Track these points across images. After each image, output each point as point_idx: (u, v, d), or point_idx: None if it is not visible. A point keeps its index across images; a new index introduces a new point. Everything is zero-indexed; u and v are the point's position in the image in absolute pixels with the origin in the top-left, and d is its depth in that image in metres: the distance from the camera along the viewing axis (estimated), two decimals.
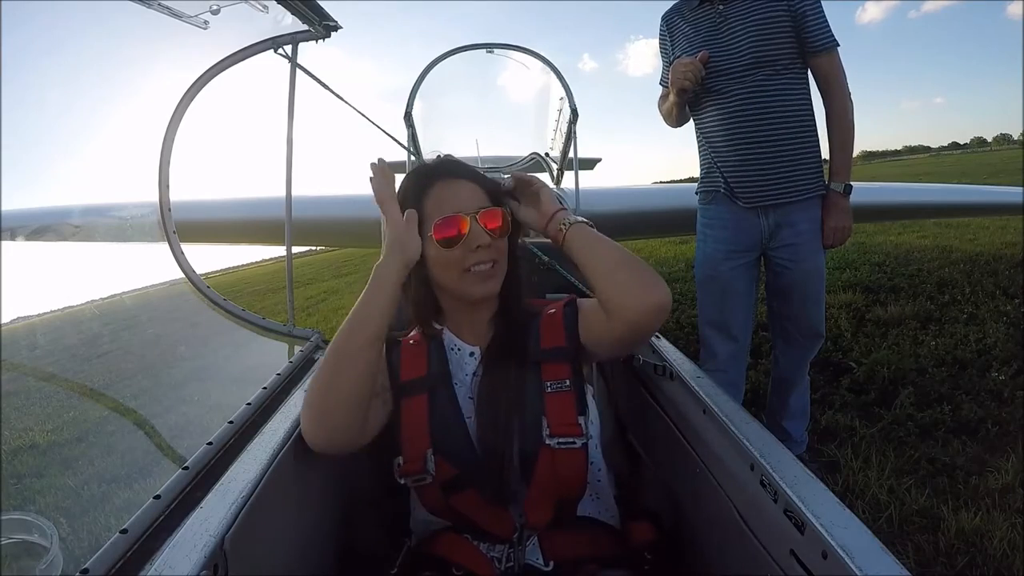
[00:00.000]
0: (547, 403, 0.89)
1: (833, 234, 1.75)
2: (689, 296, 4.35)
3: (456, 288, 0.92)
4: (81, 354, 3.36)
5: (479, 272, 0.90)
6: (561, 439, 0.86)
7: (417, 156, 2.75)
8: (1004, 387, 2.38)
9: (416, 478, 0.87)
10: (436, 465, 0.86)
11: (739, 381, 1.95)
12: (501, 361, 0.92)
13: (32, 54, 1.47)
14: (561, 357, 0.92)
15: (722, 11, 1.71)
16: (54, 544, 0.88)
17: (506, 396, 0.89)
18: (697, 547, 0.94)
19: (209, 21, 1.56)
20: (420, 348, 0.94)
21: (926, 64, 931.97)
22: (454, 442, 0.88)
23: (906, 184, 7.67)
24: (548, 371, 0.91)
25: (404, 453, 0.88)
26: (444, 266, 0.90)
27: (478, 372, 0.93)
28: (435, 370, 0.93)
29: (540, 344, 0.93)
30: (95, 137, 1.90)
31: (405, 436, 0.88)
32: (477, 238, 0.88)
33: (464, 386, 0.93)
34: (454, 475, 0.87)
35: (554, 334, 0.93)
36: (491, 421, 0.89)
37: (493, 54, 3.14)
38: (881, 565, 0.53)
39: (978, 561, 1.45)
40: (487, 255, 0.90)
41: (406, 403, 0.89)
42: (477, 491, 0.87)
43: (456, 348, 0.96)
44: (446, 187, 0.92)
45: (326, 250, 17.63)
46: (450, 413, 0.90)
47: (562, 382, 0.90)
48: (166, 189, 1.85)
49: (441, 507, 0.89)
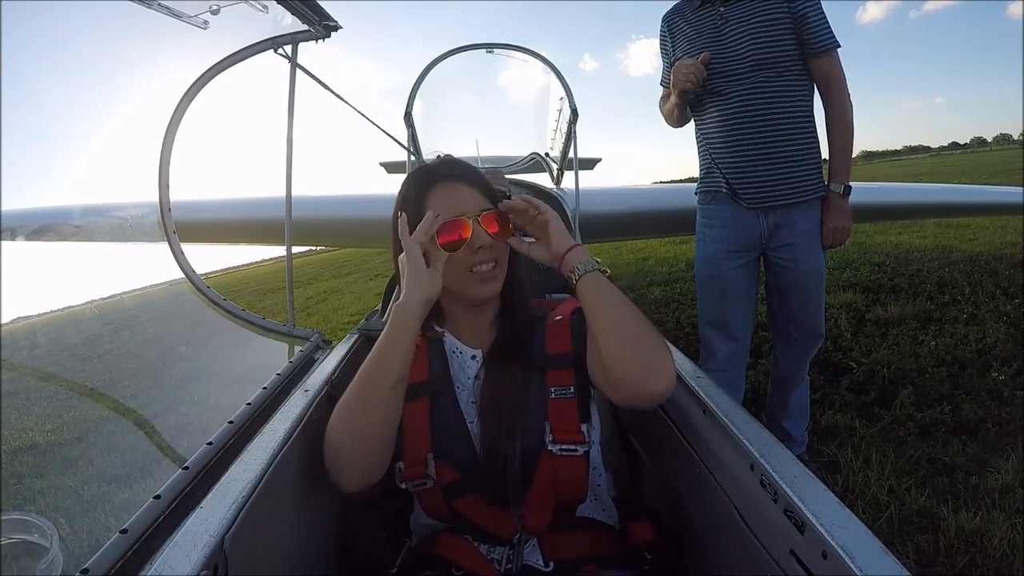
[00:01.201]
0: (550, 409, 0.89)
1: (832, 235, 1.75)
2: (689, 296, 4.35)
3: (459, 289, 0.92)
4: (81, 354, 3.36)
5: (481, 273, 0.90)
6: (563, 446, 0.86)
7: (417, 156, 2.75)
8: (1004, 387, 2.38)
9: (417, 483, 0.87)
10: (437, 469, 0.86)
11: (739, 381, 1.95)
12: (503, 363, 0.92)
13: (32, 54, 1.47)
14: (566, 363, 0.91)
15: (723, 12, 1.71)
16: (54, 544, 0.88)
17: (509, 399, 0.89)
18: (697, 547, 0.94)
19: (209, 21, 1.56)
20: (421, 352, 0.94)
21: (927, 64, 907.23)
22: (455, 446, 0.88)
23: (906, 184, 7.67)
24: (553, 376, 0.91)
25: (405, 458, 0.88)
26: (449, 267, 0.89)
27: (480, 375, 0.93)
28: (436, 374, 0.93)
29: (546, 349, 0.93)
30: (95, 137, 1.90)
31: (406, 441, 0.88)
32: (479, 240, 0.88)
33: (466, 390, 0.93)
34: (455, 479, 0.87)
35: (560, 339, 0.93)
36: (493, 424, 0.88)
37: (493, 54, 3.14)
38: (881, 565, 0.53)
39: (978, 561, 1.45)
40: (488, 255, 0.90)
41: (407, 408, 0.89)
42: (478, 494, 0.87)
43: (458, 351, 0.96)
44: (447, 189, 0.92)
45: (326, 250, 17.64)
46: (452, 417, 0.90)
47: (566, 388, 0.90)
48: (166, 189, 1.85)
49: (442, 510, 0.89)
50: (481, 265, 0.90)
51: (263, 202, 3.38)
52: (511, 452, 0.87)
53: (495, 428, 0.88)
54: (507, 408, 0.89)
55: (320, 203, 3.91)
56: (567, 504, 0.90)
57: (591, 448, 0.89)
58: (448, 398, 0.92)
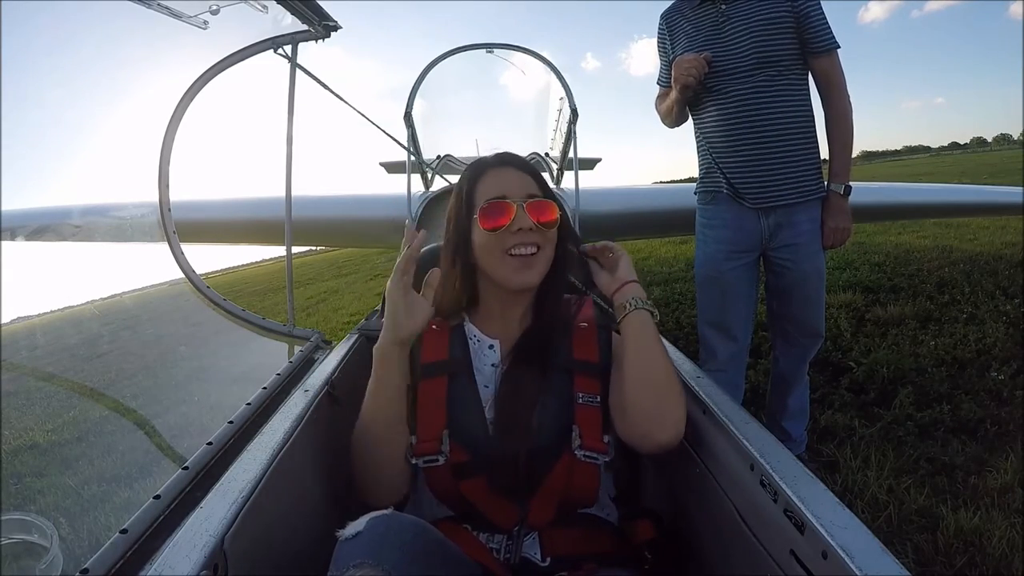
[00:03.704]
0: (578, 413, 0.90)
1: (833, 235, 1.75)
2: (689, 296, 4.35)
3: (496, 273, 0.92)
4: (81, 354, 3.36)
5: (520, 256, 0.90)
6: (587, 452, 0.88)
7: (417, 156, 2.75)
8: (1003, 387, 2.37)
9: (428, 458, 0.87)
10: (450, 448, 0.87)
11: (739, 381, 1.95)
12: (527, 357, 0.93)
13: (32, 54, 1.47)
14: (594, 373, 0.93)
15: (724, 10, 1.70)
16: (54, 544, 0.88)
17: (528, 390, 0.90)
18: (697, 547, 0.94)
19: (209, 21, 1.57)
20: (442, 334, 0.96)
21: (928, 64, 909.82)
22: (470, 427, 0.89)
23: (906, 184, 7.66)
24: (581, 383, 0.92)
25: (419, 432, 0.88)
26: (488, 249, 0.91)
27: (498, 364, 0.94)
28: (457, 355, 0.94)
29: (573, 354, 0.94)
30: (95, 137, 1.90)
31: (421, 416, 0.89)
32: (520, 222, 0.89)
33: (483, 375, 0.94)
34: (466, 460, 0.87)
35: (588, 348, 0.95)
36: (509, 413, 0.90)
37: (493, 54, 3.14)
38: (881, 565, 0.53)
39: (977, 560, 1.45)
40: (529, 238, 0.90)
41: (425, 384, 0.90)
42: (486, 479, 0.88)
43: (476, 338, 0.97)
44: (496, 175, 0.94)
45: (326, 250, 17.63)
46: (469, 398, 0.91)
47: (594, 397, 0.92)
48: (166, 189, 1.85)
49: (448, 490, 0.89)
50: (520, 247, 0.90)
51: (263, 202, 3.38)
52: (526, 443, 0.88)
53: (511, 417, 0.89)
54: (525, 401, 0.90)
55: (320, 203, 3.91)
56: (573, 507, 0.91)
57: (609, 460, 0.91)
58: (466, 380, 0.92)
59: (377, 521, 0.67)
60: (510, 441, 0.88)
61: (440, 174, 3.58)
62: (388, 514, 0.69)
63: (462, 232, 0.94)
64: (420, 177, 3.69)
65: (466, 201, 0.94)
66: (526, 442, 0.88)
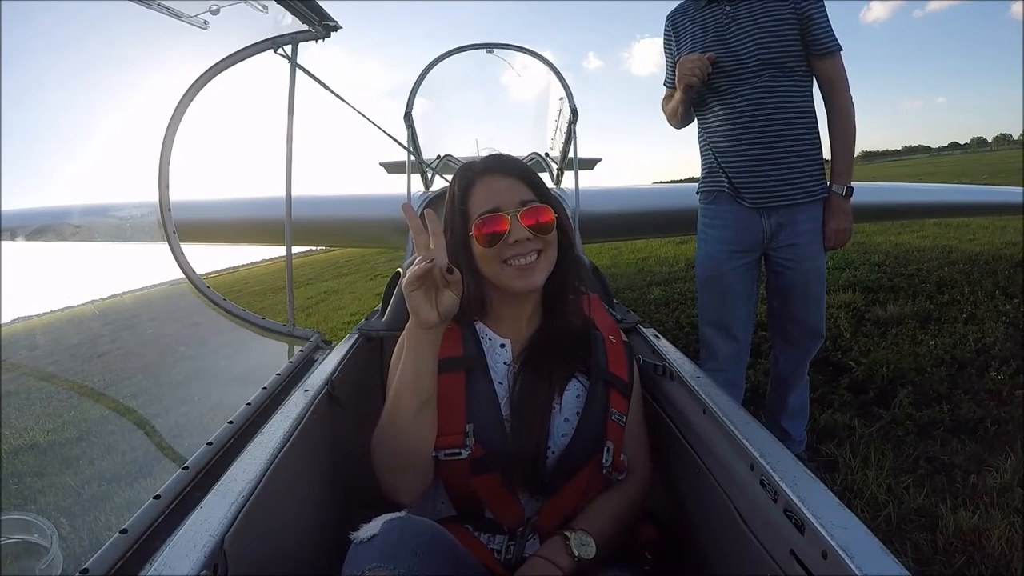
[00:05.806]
0: (609, 430, 0.92)
1: (834, 236, 1.75)
2: (689, 296, 4.35)
3: (499, 281, 0.92)
4: (81, 354, 3.36)
5: (518, 265, 0.90)
6: (612, 471, 0.92)
7: (417, 156, 2.75)
8: (1003, 386, 2.38)
9: (450, 451, 0.87)
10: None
11: (739, 381, 1.95)
12: (540, 357, 0.94)
13: (32, 54, 1.47)
14: (624, 391, 0.96)
15: (729, 12, 1.71)
16: (54, 544, 0.88)
17: (542, 393, 0.91)
18: (697, 546, 0.94)
19: (209, 21, 1.57)
20: (454, 331, 0.96)
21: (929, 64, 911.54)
22: (488, 422, 0.89)
23: (906, 184, 7.65)
24: (615, 399, 0.94)
25: (440, 426, 0.88)
26: (487, 261, 0.91)
27: (510, 363, 0.95)
28: (472, 352, 0.94)
29: (608, 365, 0.96)
30: (95, 137, 1.90)
31: (441, 409, 0.89)
32: (515, 234, 0.89)
33: (497, 373, 0.94)
34: (482, 455, 0.88)
35: (619, 364, 0.98)
36: (526, 412, 0.90)
37: (493, 54, 3.14)
38: (881, 565, 0.53)
39: (976, 560, 1.45)
40: (527, 247, 0.90)
41: (442, 379, 0.90)
42: (500, 476, 0.88)
43: (488, 337, 0.97)
44: (486, 184, 0.93)
45: (326, 250, 17.61)
46: (486, 393, 0.92)
47: (622, 416, 0.94)
48: (166, 189, 1.85)
49: (461, 485, 0.90)
50: (517, 259, 0.90)
51: (263, 202, 3.38)
52: (541, 442, 0.89)
53: (526, 418, 0.90)
54: (540, 400, 0.91)
55: (320, 203, 3.90)
56: (577, 514, 0.92)
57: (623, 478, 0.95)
58: (482, 375, 0.93)
59: (392, 524, 0.68)
60: (528, 439, 0.88)
61: (440, 174, 3.58)
62: (403, 517, 0.70)
63: (461, 243, 0.93)
64: (420, 177, 3.69)
65: (460, 214, 0.93)
66: (541, 442, 0.89)
